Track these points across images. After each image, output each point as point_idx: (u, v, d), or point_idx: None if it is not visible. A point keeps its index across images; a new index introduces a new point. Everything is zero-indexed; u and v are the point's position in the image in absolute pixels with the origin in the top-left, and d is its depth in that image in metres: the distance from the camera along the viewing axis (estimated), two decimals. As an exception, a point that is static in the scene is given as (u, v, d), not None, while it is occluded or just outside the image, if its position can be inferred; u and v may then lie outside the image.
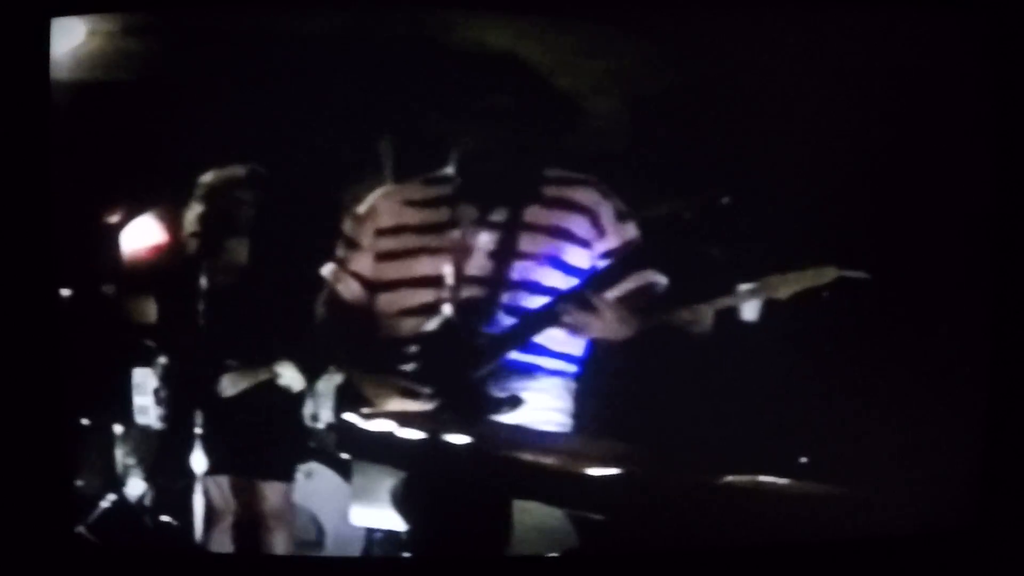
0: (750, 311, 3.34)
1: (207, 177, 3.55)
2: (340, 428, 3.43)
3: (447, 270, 3.32)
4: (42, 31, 3.16)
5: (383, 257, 3.40)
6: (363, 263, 3.43)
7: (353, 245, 3.44)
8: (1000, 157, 3.29)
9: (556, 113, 3.38)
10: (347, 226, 3.45)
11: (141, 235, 3.64)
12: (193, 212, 3.56)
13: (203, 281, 3.55)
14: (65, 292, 3.37)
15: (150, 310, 3.64)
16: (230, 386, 3.58)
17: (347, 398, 3.46)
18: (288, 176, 3.52)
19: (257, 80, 3.35)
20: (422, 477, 3.25)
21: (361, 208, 3.43)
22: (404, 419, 3.28)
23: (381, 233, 3.40)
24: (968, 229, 3.38)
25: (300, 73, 3.37)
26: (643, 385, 3.37)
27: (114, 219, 3.61)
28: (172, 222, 3.61)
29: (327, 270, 3.47)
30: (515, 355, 3.33)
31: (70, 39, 3.33)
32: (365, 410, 3.35)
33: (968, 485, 3.25)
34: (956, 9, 3.33)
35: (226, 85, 3.40)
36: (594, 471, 3.09)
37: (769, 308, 3.34)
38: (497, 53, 3.33)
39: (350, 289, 3.44)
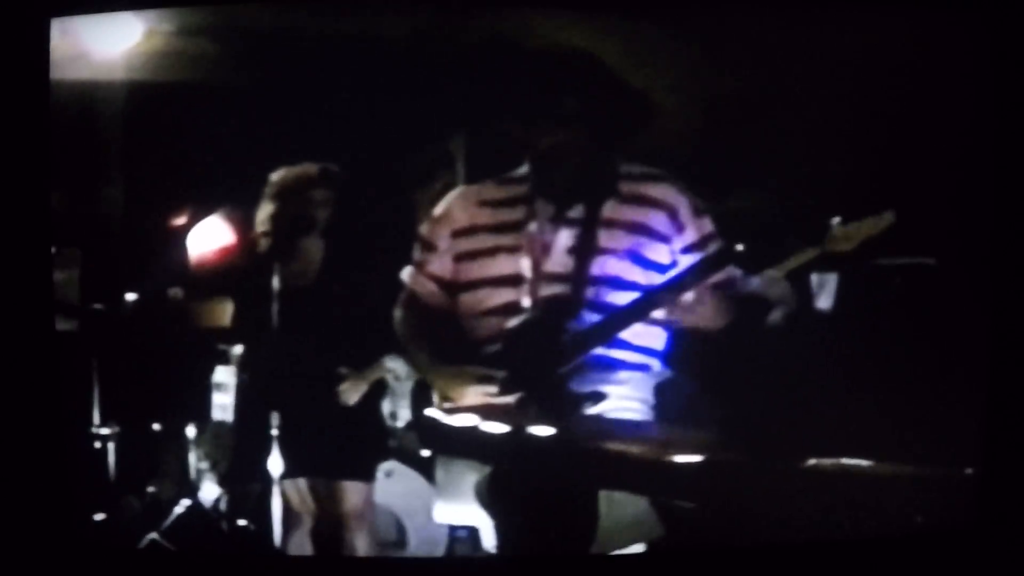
0: (825, 299, 3.37)
1: (278, 175, 3.54)
2: (422, 425, 3.42)
3: (526, 268, 3.33)
4: (42, 31, 3.13)
5: (461, 258, 3.40)
6: (441, 264, 3.43)
7: (430, 247, 3.43)
8: (1000, 157, 3.31)
9: (630, 111, 3.37)
10: (424, 228, 3.45)
11: (212, 236, 3.62)
12: (265, 211, 3.55)
13: (276, 281, 3.54)
14: (131, 296, 3.35)
15: (222, 312, 3.62)
16: (352, 392, 3.58)
17: (428, 395, 3.46)
18: (362, 176, 3.51)
19: (334, 82, 3.35)
20: (507, 471, 3.25)
21: (437, 210, 3.43)
22: (487, 413, 3.28)
23: (457, 234, 3.40)
24: (968, 229, 3.41)
25: (375, 74, 3.38)
26: (719, 374, 3.40)
27: (185, 221, 3.60)
28: (244, 223, 3.59)
29: (406, 273, 3.46)
30: (598, 350, 3.32)
31: (125, 38, 3.31)
32: (447, 405, 3.34)
33: (968, 485, 3.22)
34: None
35: (303, 87, 3.40)
36: (678, 459, 3.12)
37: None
38: (572, 53, 3.35)
39: (429, 291, 3.44)
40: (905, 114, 3.44)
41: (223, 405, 3.64)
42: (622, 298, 3.32)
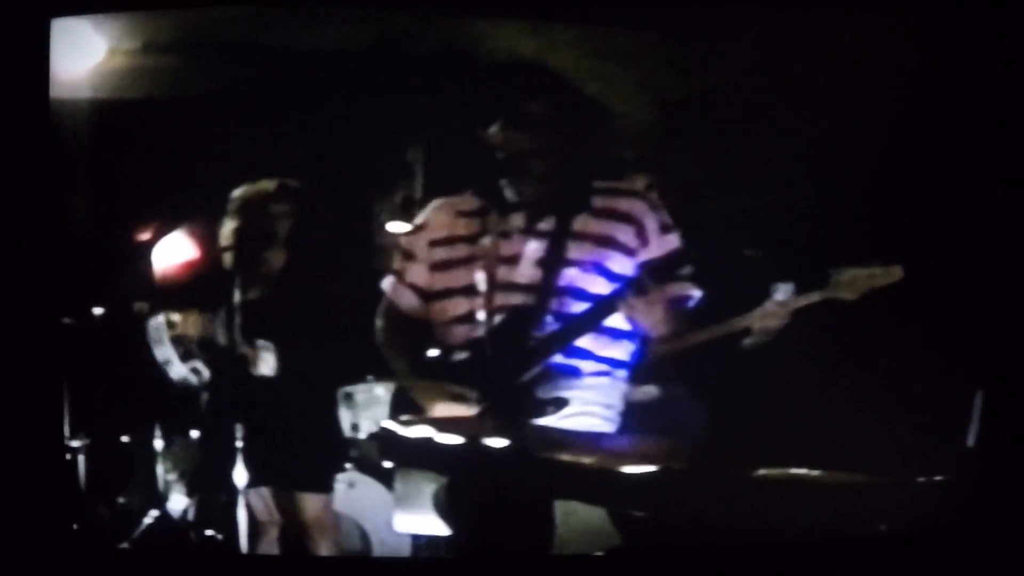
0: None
1: (239, 191, 3.57)
2: (381, 436, 3.44)
3: (494, 278, 3.35)
4: (42, 31, 3.15)
5: (436, 267, 3.42)
6: (418, 274, 3.45)
7: (409, 256, 3.46)
8: (1000, 157, 3.29)
9: (587, 119, 3.39)
10: (404, 238, 3.48)
11: (178, 250, 3.66)
12: (227, 227, 3.58)
13: (238, 294, 3.57)
14: (98, 310, 3.39)
15: (186, 324, 3.66)
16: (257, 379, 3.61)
17: (388, 406, 3.49)
18: (323, 186, 3.54)
19: (289, 94, 3.38)
20: (463, 481, 3.27)
21: (417, 220, 3.45)
22: (443, 424, 3.32)
23: (434, 244, 3.43)
24: (968, 229, 3.40)
25: (335, 86, 3.41)
26: (683, 386, 3.41)
27: (151, 235, 3.64)
28: (209, 236, 3.63)
29: (386, 282, 3.49)
30: (560, 359, 3.35)
31: (89, 57, 3.35)
32: (404, 417, 3.37)
33: (968, 485, 3.23)
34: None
35: (263, 99, 3.43)
36: (633, 469, 3.13)
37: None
38: (527, 62, 3.36)
39: (407, 300, 3.46)
40: (897, 114, 3.43)
41: (190, 416, 3.67)
42: (583, 308, 3.33)
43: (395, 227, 3.58)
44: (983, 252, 3.32)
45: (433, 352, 3.39)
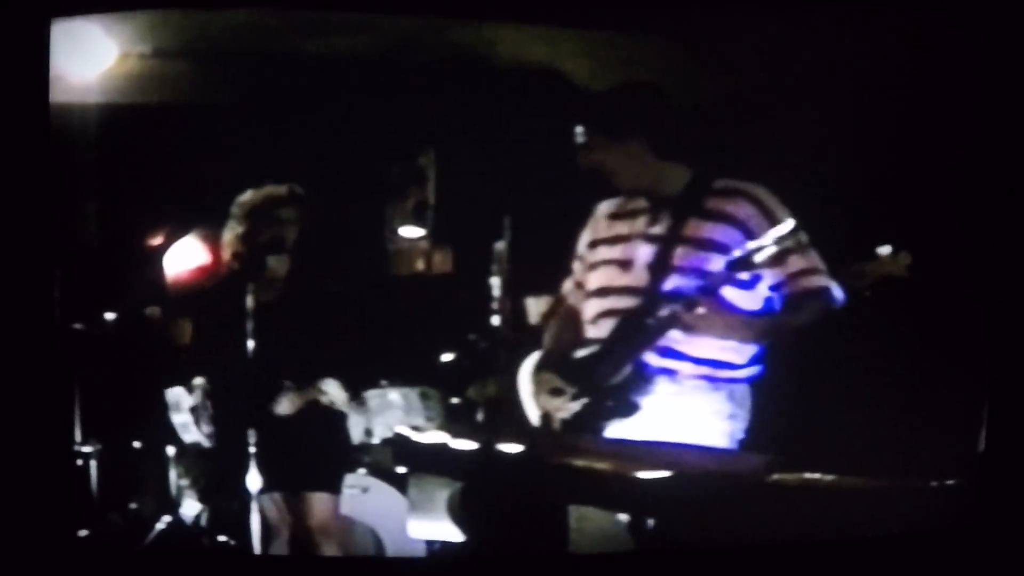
0: None
1: (247, 197, 3.56)
2: (395, 442, 3.45)
3: (614, 282, 3.39)
4: (42, 32, 3.11)
5: (591, 267, 3.46)
6: (582, 274, 3.50)
7: (580, 259, 3.51)
8: (1000, 157, 3.28)
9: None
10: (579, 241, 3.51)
11: (189, 256, 3.66)
12: (233, 232, 3.57)
13: (247, 300, 3.55)
14: (109, 315, 3.39)
15: (194, 331, 3.66)
16: (287, 406, 3.61)
17: (401, 410, 3.51)
18: (334, 191, 3.54)
19: (299, 101, 3.38)
20: (476, 486, 3.29)
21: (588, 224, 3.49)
22: (457, 430, 3.33)
23: (592, 245, 3.46)
24: (969, 228, 3.40)
25: (346, 92, 3.41)
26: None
27: (154, 242, 3.63)
28: (212, 243, 3.62)
29: (567, 286, 3.53)
30: (655, 361, 3.37)
31: (99, 60, 3.33)
32: (417, 423, 3.39)
33: (968, 485, 3.22)
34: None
35: (267, 106, 3.43)
36: (645, 474, 3.13)
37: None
38: (536, 67, 3.37)
39: (577, 300, 3.51)
40: (895, 113, 3.43)
41: (200, 422, 3.67)
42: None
43: (408, 232, 3.59)
44: (984, 253, 3.32)
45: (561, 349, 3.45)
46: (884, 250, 3.22)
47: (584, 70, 3.42)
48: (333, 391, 3.61)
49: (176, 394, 3.67)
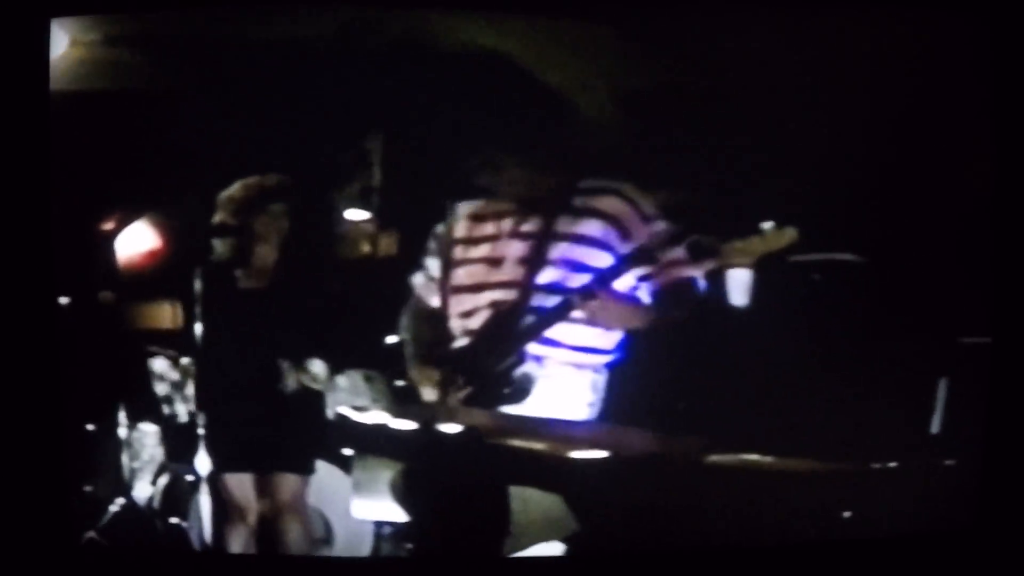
0: (737, 292, 3.38)
1: (231, 189, 3.63)
2: (337, 423, 3.49)
3: (488, 278, 3.53)
4: (42, 31, 3.18)
5: (450, 265, 3.59)
6: (441, 272, 3.61)
7: (434, 255, 3.63)
8: (1000, 156, 3.29)
9: (546, 110, 3.48)
10: (431, 240, 3.63)
11: (140, 241, 3.70)
12: (218, 218, 3.64)
13: (204, 284, 3.62)
14: (66, 299, 3.41)
15: (157, 314, 3.70)
16: (288, 384, 3.66)
17: (348, 393, 3.57)
18: (291, 180, 3.61)
19: (252, 85, 3.41)
20: (419, 467, 3.34)
21: (441, 225, 3.60)
22: (399, 410, 3.38)
23: (452, 244, 3.59)
24: (969, 227, 3.40)
25: (293, 76, 3.43)
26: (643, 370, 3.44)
27: (114, 226, 3.66)
28: (171, 227, 3.67)
29: (418, 279, 3.64)
30: (535, 348, 3.48)
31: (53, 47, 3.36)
32: (362, 405, 3.44)
33: (968, 485, 3.25)
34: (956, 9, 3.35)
35: (216, 94, 3.46)
36: (583, 455, 3.15)
37: (766, 293, 3.39)
38: (486, 53, 3.40)
39: (432, 296, 3.62)
40: (857, 102, 3.44)
41: (157, 403, 3.71)
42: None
43: (353, 216, 3.64)
44: (984, 252, 3.33)
45: (440, 342, 3.55)
46: (768, 225, 3.26)
47: (533, 56, 3.44)
48: (319, 370, 3.68)
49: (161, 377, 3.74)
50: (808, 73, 3.40)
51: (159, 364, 3.73)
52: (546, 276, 3.47)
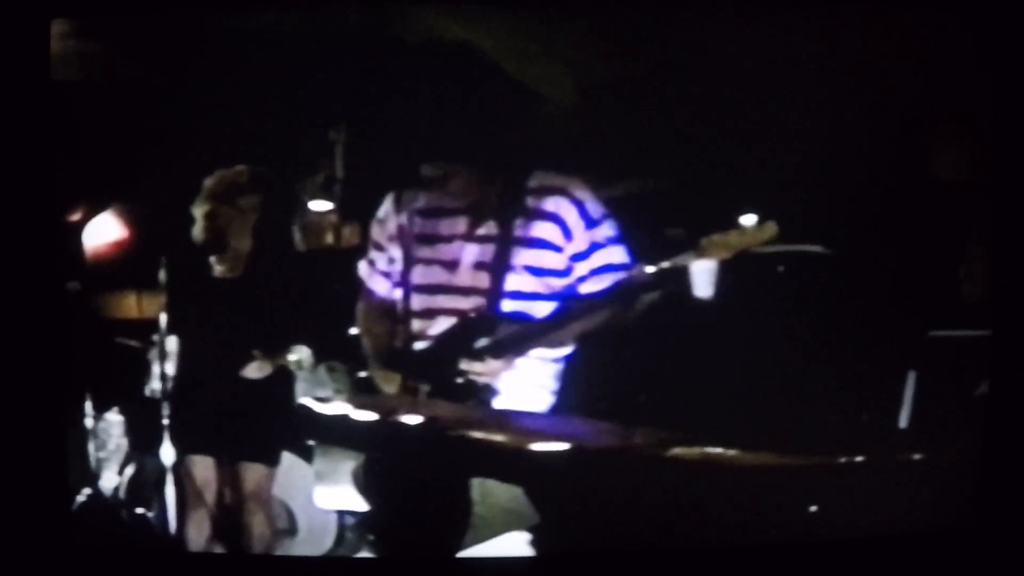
0: (703, 287, 3.37)
1: (210, 180, 3.64)
2: (299, 413, 3.49)
3: (442, 280, 3.53)
4: (42, 31, 3.20)
5: (395, 262, 3.59)
6: (385, 264, 3.62)
7: (378, 247, 3.63)
8: (1000, 157, 3.28)
9: (510, 100, 3.47)
10: (373, 228, 3.63)
11: (107, 231, 3.70)
12: (198, 211, 3.66)
13: (177, 274, 3.64)
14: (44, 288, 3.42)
15: (126, 304, 3.71)
16: (256, 371, 3.66)
17: (309, 384, 3.57)
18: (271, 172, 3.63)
19: (217, 75, 3.42)
20: (380, 458, 3.35)
21: (380, 212, 3.60)
22: (360, 402, 3.39)
23: (391, 240, 3.59)
24: (969, 226, 3.41)
25: (258, 66, 3.43)
26: (606, 362, 3.44)
27: (81, 216, 3.67)
28: (137, 218, 3.68)
29: (362, 268, 3.65)
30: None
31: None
32: (321, 394, 3.47)
33: (968, 485, 3.25)
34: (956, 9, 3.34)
35: (187, 82, 3.46)
36: (544, 447, 3.15)
37: (745, 286, 3.38)
38: (449, 43, 3.40)
39: (380, 287, 3.63)
40: (829, 94, 3.43)
41: (124, 393, 3.73)
42: (525, 310, 3.49)
43: (317, 207, 3.65)
44: (984, 252, 3.35)
45: (395, 341, 3.56)
46: (748, 220, 3.24)
47: (499, 46, 3.43)
48: (304, 356, 3.68)
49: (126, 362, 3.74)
50: (780, 62, 3.39)
51: (126, 353, 3.74)
52: (503, 283, 3.47)
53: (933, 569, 3.25)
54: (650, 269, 3.36)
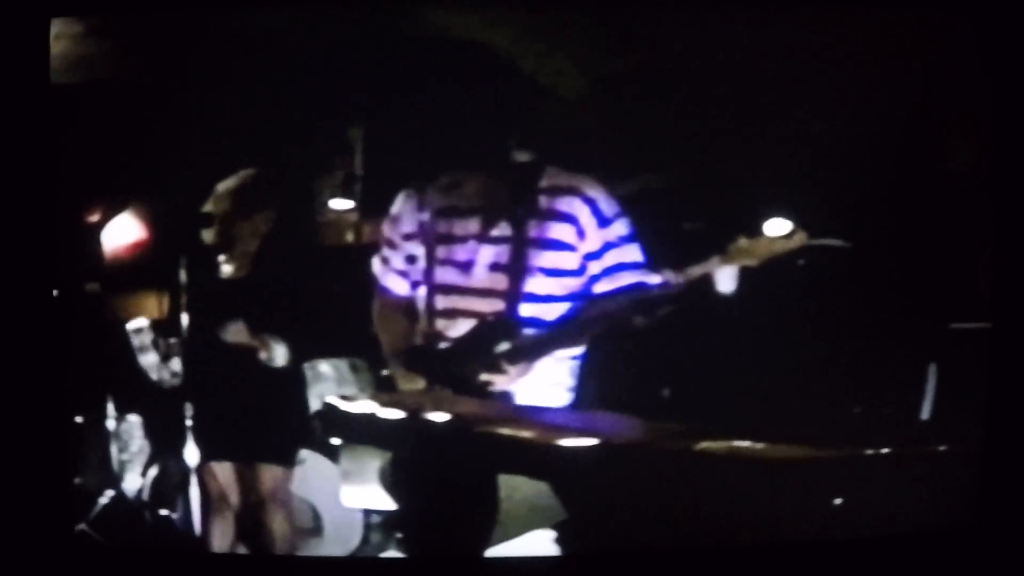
0: (726, 283, 3.37)
1: (222, 184, 3.64)
2: (324, 412, 3.49)
3: (456, 282, 3.52)
4: (42, 31, 3.20)
5: (410, 260, 3.57)
6: (400, 262, 3.60)
7: (391, 245, 3.61)
8: (999, 157, 3.29)
9: (522, 96, 3.47)
10: (384, 227, 3.61)
11: (125, 232, 3.70)
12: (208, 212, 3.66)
13: (192, 275, 3.64)
14: (58, 290, 3.42)
15: (142, 305, 3.71)
16: (231, 334, 3.66)
17: (333, 382, 3.57)
18: (272, 173, 3.61)
19: (223, 79, 3.41)
20: (407, 456, 3.35)
21: (393, 209, 3.58)
22: (386, 400, 3.40)
23: (407, 238, 3.57)
24: (969, 225, 3.41)
25: (272, 66, 3.43)
26: (630, 357, 3.44)
27: (99, 218, 3.67)
28: (155, 219, 3.67)
29: (376, 266, 3.63)
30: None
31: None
32: (344, 392, 3.50)
33: (968, 485, 3.25)
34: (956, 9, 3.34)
35: (200, 82, 3.46)
36: (570, 443, 3.15)
37: (759, 287, 3.38)
38: (460, 40, 3.40)
39: (396, 285, 3.61)
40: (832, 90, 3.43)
41: (143, 394, 3.72)
42: (543, 312, 3.48)
43: (336, 205, 3.65)
44: (984, 251, 3.36)
45: (411, 340, 3.55)
46: (776, 228, 3.26)
47: (510, 44, 3.43)
48: (277, 348, 3.68)
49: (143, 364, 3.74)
50: (794, 60, 3.39)
51: (145, 354, 3.74)
52: (519, 285, 3.46)
53: (933, 569, 3.27)
54: (675, 279, 3.36)
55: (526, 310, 3.45)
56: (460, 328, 3.48)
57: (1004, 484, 3.26)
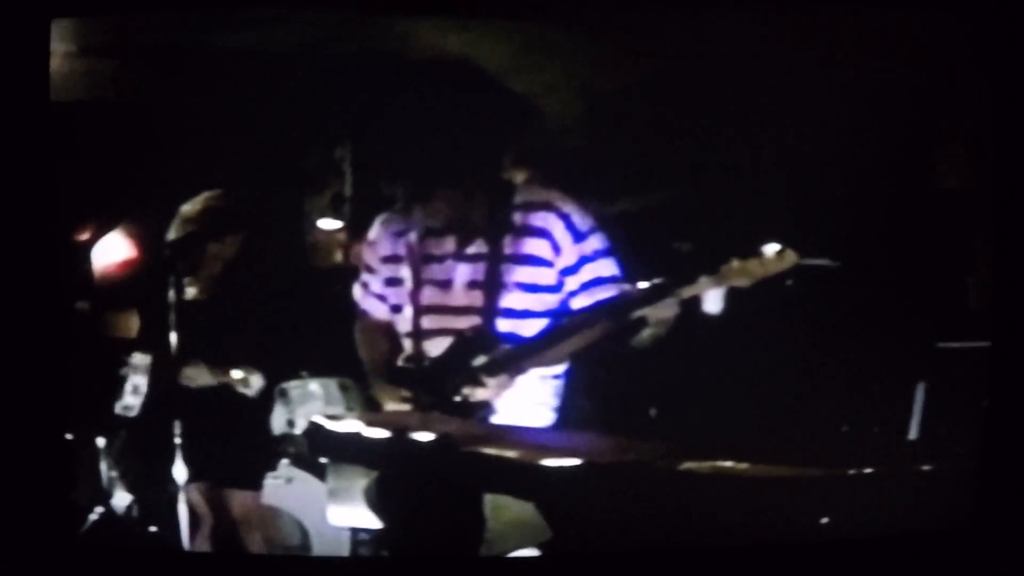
0: (713, 302, 3.37)
1: (187, 205, 3.65)
2: (310, 431, 3.49)
3: (434, 300, 3.52)
4: (42, 32, 3.19)
5: (389, 283, 3.59)
6: (379, 286, 3.61)
7: (369, 270, 3.63)
8: (999, 157, 3.28)
9: (513, 114, 3.47)
10: (364, 251, 3.63)
11: (115, 250, 3.71)
12: (175, 234, 3.66)
13: (178, 294, 3.64)
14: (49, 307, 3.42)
15: (129, 323, 3.71)
16: (196, 378, 3.68)
17: (322, 401, 3.57)
18: (258, 190, 3.60)
19: (215, 97, 3.42)
20: (393, 475, 3.34)
21: (370, 234, 3.59)
22: (372, 419, 3.38)
23: (385, 261, 3.58)
24: (961, 244, 3.41)
25: (263, 85, 3.44)
26: (615, 377, 3.44)
27: (89, 235, 3.68)
28: (145, 237, 3.68)
29: (356, 291, 3.65)
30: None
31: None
32: (333, 412, 3.44)
33: (968, 485, 3.24)
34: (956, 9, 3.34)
35: (192, 100, 3.47)
36: (556, 462, 3.15)
37: (754, 300, 3.38)
38: (452, 59, 3.41)
39: (375, 309, 3.63)
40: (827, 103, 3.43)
41: (131, 413, 3.73)
42: (520, 327, 3.48)
43: (326, 225, 3.66)
44: (983, 253, 3.38)
45: (393, 359, 3.56)
46: (770, 249, 3.24)
47: (501, 61, 3.44)
48: (250, 377, 3.69)
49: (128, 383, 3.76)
50: (786, 73, 3.40)
51: (129, 373, 3.75)
52: (497, 301, 3.46)
53: (933, 569, 3.26)
54: (668, 301, 3.34)
55: (505, 325, 3.46)
56: (440, 346, 3.49)
57: (1004, 484, 3.26)
